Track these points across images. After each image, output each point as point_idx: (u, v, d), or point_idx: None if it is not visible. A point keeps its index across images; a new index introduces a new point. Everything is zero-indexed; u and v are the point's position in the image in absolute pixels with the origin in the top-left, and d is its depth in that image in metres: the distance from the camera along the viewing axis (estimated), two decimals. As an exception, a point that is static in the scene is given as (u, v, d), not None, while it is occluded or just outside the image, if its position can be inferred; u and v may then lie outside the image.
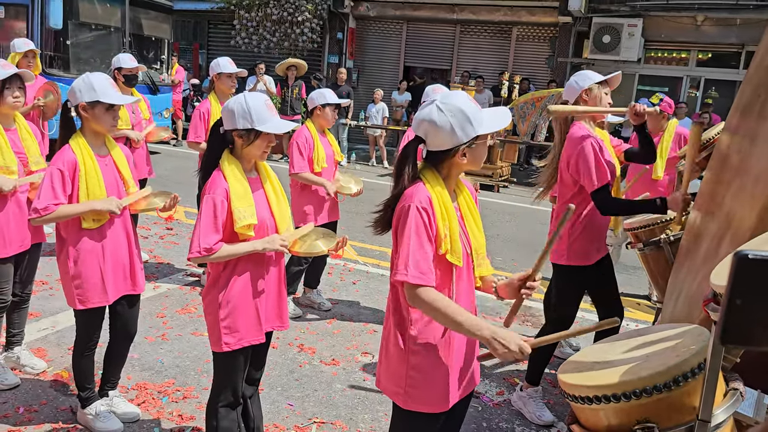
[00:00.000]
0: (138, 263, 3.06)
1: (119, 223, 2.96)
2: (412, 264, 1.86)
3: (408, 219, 1.90)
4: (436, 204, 1.93)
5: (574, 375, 1.69)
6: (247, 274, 2.52)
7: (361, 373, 3.92)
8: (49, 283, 4.94)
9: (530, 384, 3.58)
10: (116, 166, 2.97)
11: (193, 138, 4.91)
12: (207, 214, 2.38)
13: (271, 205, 2.59)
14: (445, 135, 1.94)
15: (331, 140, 4.74)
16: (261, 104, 2.44)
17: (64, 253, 2.88)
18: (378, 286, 5.60)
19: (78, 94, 2.79)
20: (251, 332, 2.55)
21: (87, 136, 2.86)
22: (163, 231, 6.63)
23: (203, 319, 4.43)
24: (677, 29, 12.31)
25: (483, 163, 2.06)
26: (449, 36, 14.80)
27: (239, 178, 2.46)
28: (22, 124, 3.39)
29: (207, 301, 2.55)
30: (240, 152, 2.50)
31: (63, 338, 4.05)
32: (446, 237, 1.93)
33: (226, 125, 2.46)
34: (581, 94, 3.30)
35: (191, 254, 2.38)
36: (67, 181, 2.76)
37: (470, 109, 1.94)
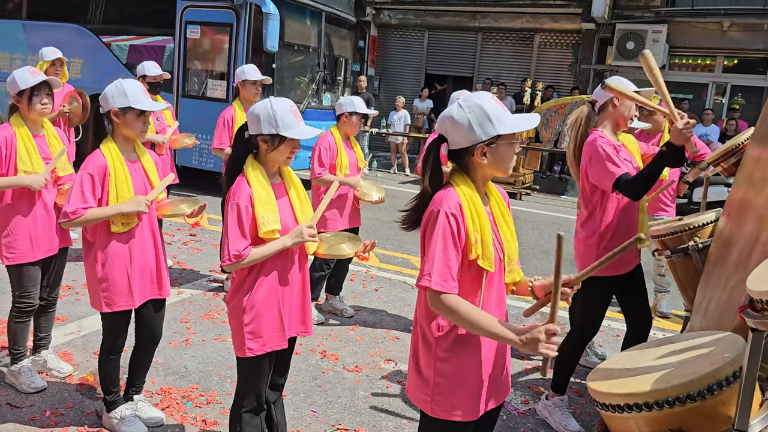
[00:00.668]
0: (164, 268, 3.09)
1: (146, 227, 2.99)
2: (436, 271, 1.85)
3: (436, 225, 1.88)
4: (467, 209, 1.91)
5: (604, 383, 1.66)
6: (272, 279, 2.52)
7: (385, 381, 3.90)
8: (75, 287, 5.01)
9: (556, 392, 3.53)
10: (145, 172, 3.00)
11: (217, 144, 4.95)
12: (233, 221, 2.39)
13: (295, 210, 2.58)
14: (463, 132, 1.92)
15: (356, 148, 4.75)
16: (287, 109, 2.44)
17: (91, 256, 2.91)
18: (400, 293, 5.58)
19: (110, 99, 2.83)
20: (275, 338, 2.55)
21: (118, 141, 2.90)
22: (186, 237, 6.68)
23: (227, 325, 4.46)
24: (703, 35, 12.16)
25: None
26: (471, 43, 14.79)
27: (263, 184, 2.46)
28: (50, 130, 3.44)
29: (231, 306, 2.56)
30: (264, 157, 2.50)
31: (89, 342, 4.09)
32: (477, 242, 1.90)
33: (251, 130, 2.46)
34: (612, 99, 3.27)
35: (223, 262, 2.39)
36: (97, 186, 2.80)
37: (492, 107, 1.91)
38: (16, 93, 3.25)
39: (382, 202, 4.73)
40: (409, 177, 12.54)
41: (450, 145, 1.97)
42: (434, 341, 1.98)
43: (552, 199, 11.32)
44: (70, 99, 5.67)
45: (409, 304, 5.30)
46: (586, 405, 3.77)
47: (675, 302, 5.46)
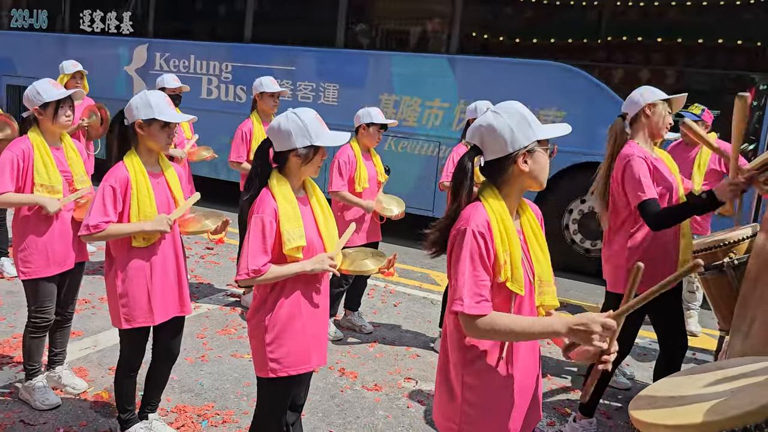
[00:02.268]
0: (186, 284, 3.01)
1: (169, 243, 2.92)
2: (468, 293, 1.74)
3: (463, 244, 1.77)
4: (495, 227, 1.79)
5: (648, 411, 1.53)
6: (296, 298, 2.44)
7: (405, 400, 3.78)
8: (92, 302, 4.96)
9: (584, 415, 3.39)
10: (169, 186, 2.93)
11: (235, 158, 4.90)
12: (255, 235, 2.32)
13: (319, 225, 2.51)
14: (502, 138, 1.82)
15: (376, 160, 4.65)
16: (313, 118, 2.39)
17: (112, 271, 2.85)
18: (420, 308, 5.46)
19: (135, 111, 2.77)
20: (298, 360, 2.46)
21: (141, 153, 2.84)
22: (203, 251, 6.63)
23: (244, 341, 4.41)
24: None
25: None
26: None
27: (289, 198, 2.39)
28: (68, 143, 3.40)
29: (253, 324, 2.47)
30: (294, 171, 2.43)
31: (104, 358, 4.02)
32: (506, 263, 1.79)
33: (281, 147, 2.39)
34: (644, 109, 3.15)
35: (239, 276, 2.32)
36: (119, 199, 2.74)
37: (528, 112, 1.85)
38: (39, 105, 3.20)
39: (401, 217, 4.64)
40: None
41: (486, 156, 1.86)
42: (462, 367, 1.87)
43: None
44: (89, 112, 5.67)
45: (429, 320, 5.18)
46: (614, 428, 3.63)
47: (705, 321, 5.29)
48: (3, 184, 3.11)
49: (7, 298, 4.91)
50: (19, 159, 3.15)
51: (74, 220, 3.34)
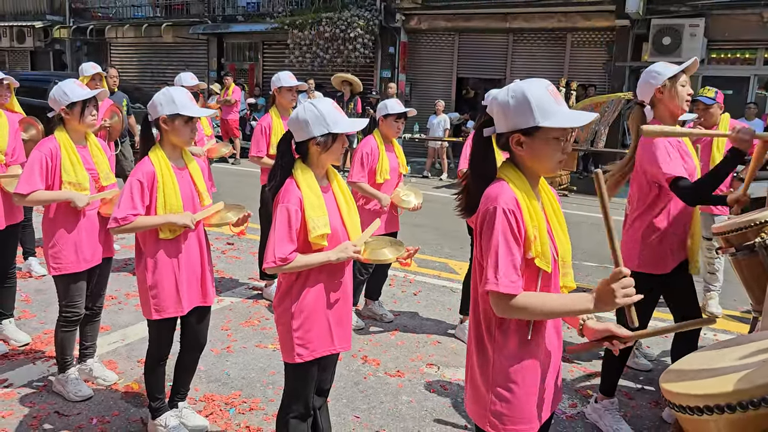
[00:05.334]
0: (209, 275, 3.09)
1: (193, 235, 3.00)
2: (503, 273, 1.73)
3: (495, 223, 1.76)
4: (523, 204, 1.80)
5: (679, 383, 1.54)
6: (321, 285, 2.51)
7: (427, 385, 3.84)
8: (118, 297, 5.06)
9: (605, 395, 3.42)
10: (192, 179, 3.01)
11: (255, 152, 4.96)
12: (282, 224, 2.37)
13: (342, 213, 2.57)
14: (501, 115, 1.83)
15: (398, 152, 4.68)
16: (331, 107, 2.44)
17: (142, 263, 2.93)
18: (439, 297, 5.51)
19: (159, 107, 2.85)
20: (324, 343, 2.53)
21: (166, 148, 2.92)
22: (224, 246, 6.73)
23: (267, 332, 4.49)
24: (742, 27, 11.82)
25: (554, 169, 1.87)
26: (502, 45, 14.64)
27: (313, 187, 2.45)
28: (93, 141, 3.49)
29: (279, 312, 2.54)
30: (316, 160, 2.49)
31: (132, 351, 4.12)
32: (536, 239, 1.80)
33: (300, 136, 2.45)
34: (655, 93, 3.12)
35: (266, 264, 2.37)
36: (146, 192, 2.82)
37: (537, 96, 1.77)
38: (65, 105, 3.28)
39: (419, 209, 4.66)
40: (443, 182, 12.44)
41: (496, 128, 1.88)
42: (492, 352, 1.88)
43: (590, 200, 11.08)
44: (111, 113, 5.77)
45: (449, 308, 5.22)
46: (637, 408, 3.65)
47: (725, 302, 5.27)
48: (33, 182, 3.21)
49: (36, 296, 5.03)
50: (47, 158, 3.24)
51: (101, 216, 3.43)
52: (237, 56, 18.30)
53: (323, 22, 15.19)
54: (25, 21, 20.53)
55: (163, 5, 19.39)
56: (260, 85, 17.24)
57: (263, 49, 17.83)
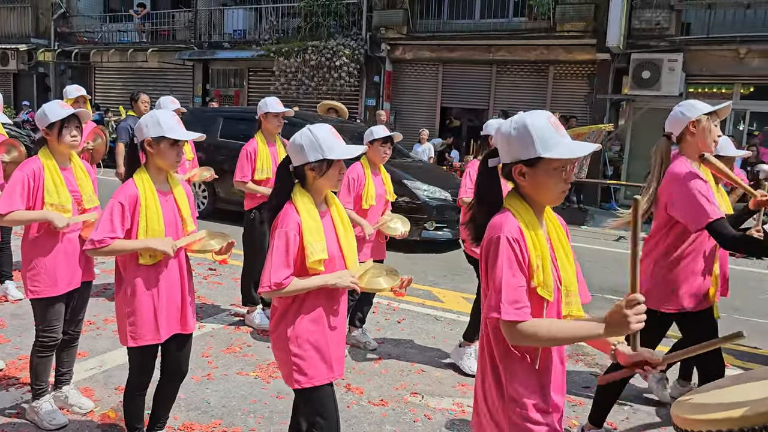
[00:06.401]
0: (189, 303, 3.01)
1: (175, 261, 2.93)
2: (506, 299, 1.74)
3: (499, 251, 1.78)
4: (527, 234, 1.82)
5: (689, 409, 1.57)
6: (319, 309, 2.50)
7: (412, 414, 3.78)
8: (96, 323, 4.96)
9: (593, 425, 3.39)
10: (176, 204, 2.96)
11: (239, 177, 4.94)
12: (279, 248, 2.37)
13: (340, 238, 2.56)
14: (504, 146, 1.88)
15: (385, 179, 4.68)
16: (327, 132, 2.44)
17: (122, 289, 2.87)
18: (423, 325, 5.47)
19: (145, 129, 2.81)
20: (322, 370, 2.50)
21: (151, 171, 2.87)
22: (206, 271, 6.65)
23: (249, 359, 4.42)
24: (719, 63, 12.13)
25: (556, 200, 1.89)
26: (485, 76, 14.86)
27: (311, 212, 2.45)
28: (77, 163, 3.44)
29: (276, 336, 2.52)
30: (312, 185, 2.49)
31: (110, 378, 4.02)
32: (539, 268, 1.81)
33: (297, 161, 2.46)
34: (688, 126, 3.05)
35: (262, 288, 2.37)
36: (127, 216, 2.77)
37: (539, 128, 1.81)
38: (45, 126, 3.24)
39: (405, 236, 4.64)
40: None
41: (500, 159, 1.91)
42: (504, 380, 1.87)
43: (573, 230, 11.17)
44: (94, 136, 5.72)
45: (433, 336, 5.19)
46: (623, 438, 3.62)
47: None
48: (14, 202, 3.14)
49: (12, 321, 4.92)
50: (29, 179, 3.19)
51: (81, 239, 3.37)
52: (222, 82, 18.35)
53: (309, 50, 15.32)
54: (9, 43, 20.46)
55: (150, 31, 19.44)
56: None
57: (249, 76, 17.90)
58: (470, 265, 4.59)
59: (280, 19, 16.82)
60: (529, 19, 13.98)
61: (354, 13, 15.65)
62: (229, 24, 17.90)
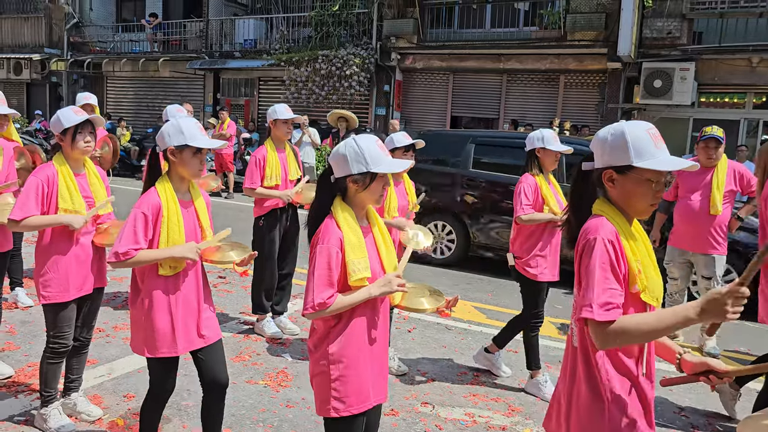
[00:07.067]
0: (206, 313, 2.93)
1: (192, 273, 2.86)
2: (597, 300, 1.72)
3: (594, 253, 1.77)
4: (623, 239, 1.81)
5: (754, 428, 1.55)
6: (361, 327, 2.33)
7: (422, 424, 3.73)
8: (105, 330, 4.95)
9: None
10: (197, 216, 2.90)
11: (249, 184, 4.93)
12: (321, 266, 2.22)
13: (382, 256, 2.41)
14: (598, 150, 1.88)
15: (409, 189, 4.54)
16: (373, 144, 2.31)
17: (138, 299, 2.80)
18: (434, 334, 5.42)
19: (167, 138, 2.75)
20: (363, 396, 2.33)
21: (173, 180, 2.82)
22: (216, 279, 6.64)
23: (258, 368, 4.39)
24: (732, 72, 12.05)
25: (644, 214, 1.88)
26: (496, 85, 14.84)
27: (353, 228, 2.30)
28: (91, 168, 3.44)
29: (315, 358, 2.34)
30: (353, 199, 2.35)
31: (119, 385, 4.00)
32: (640, 273, 1.79)
33: (339, 172, 2.32)
34: None
35: (305, 310, 2.22)
36: (149, 226, 2.71)
37: (635, 137, 1.81)
38: (60, 132, 3.25)
39: (430, 250, 4.37)
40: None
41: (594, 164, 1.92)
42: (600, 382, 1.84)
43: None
44: (102, 143, 5.74)
45: (444, 345, 5.14)
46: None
47: (725, 342, 5.20)
48: (29, 208, 3.14)
49: (21, 328, 4.91)
50: (43, 184, 3.19)
51: (94, 245, 3.37)
52: (233, 92, 18.44)
53: (319, 60, 15.37)
54: (22, 53, 20.67)
55: (161, 41, 19.59)
56: (255, 120, 17.34)
57: (259, 85, 17.98)
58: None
59: (291, 28, 16.91)
60: (539, 29, 13.97)
61: (364, 23, 15.70)
62: (240, 34, 18.02)
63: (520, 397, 4.21)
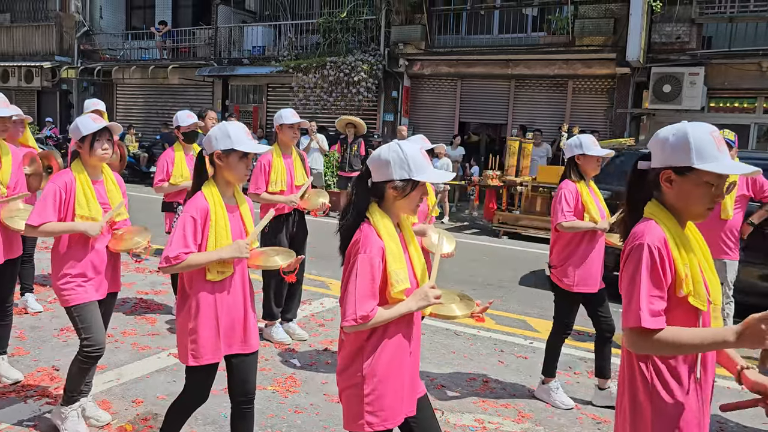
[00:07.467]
0: (252, 320, 2.90)
1: (238, 279, 2.84)
2: (646, 308, 1.72)
3: (640, 259, 1.77)
4: (672, 242, 1.79)
5: None
6: (396, 343, 2.24)
7: (431, 431, 3.71)
8: (114, 335, 4.96)
9: None
10: (242, 221, 2.88)
11: (253, 189, 4.92)
12: (364, 276, 2.12)
13: (415, 267, 2.33)
14: (657, 149, 1.86)
15: (430, 195, 4.48)
16: (417, 152, 2.23)
17: (186, 306, 2.77)
18: (443, 340, 5.40)
19: (214, 142, 2.74)
20: (397, 411, 2.25)
21: (219, 185, 2.81)
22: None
23: (266, 373, 4.38)
24: (741, 76, 11.98)
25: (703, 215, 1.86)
26: (504, 91, 14.83)
27: (393, 237, 2.22)
28: (109, 175, 3.47)
29: (347, 374, 2.26)
30: (391, 206, 2.26)
31: (128, 391, 4.00)
32: (687, 277, 1.78)
33: (378, 176, 2.22)
34: None
35: (346, 322, 2.12)
36: (198, 230, 2.70)
37: (698, 139, 1.79)
38: (78, 139, 3.28)
39: (452, 256, 4.23)
40: (445, 224, 12.38)
41: (651, 163, 1.90)
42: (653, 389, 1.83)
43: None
44: None
45: (453, 351, 5.11)
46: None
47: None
48: (46, 214, 3.17)
49: (31, 333, 4.93)
50: (61, 191, 3.22)
51: (109, 251, 3.39)
52: (242, 98, 18.52)
53: (327, 66, 15.42)
54: (33, 61, 20.86)
55: (170, 48, 19.73)
56: (264, 127, 17.40)
57: (267, 92, 18.06)
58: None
59: (299, 35, 16.98)
60: (548, 34, 13.95)
61: (372, 29, 15.74)
62: (249, 41, 18.11)
63: (530, 404, 4.18)
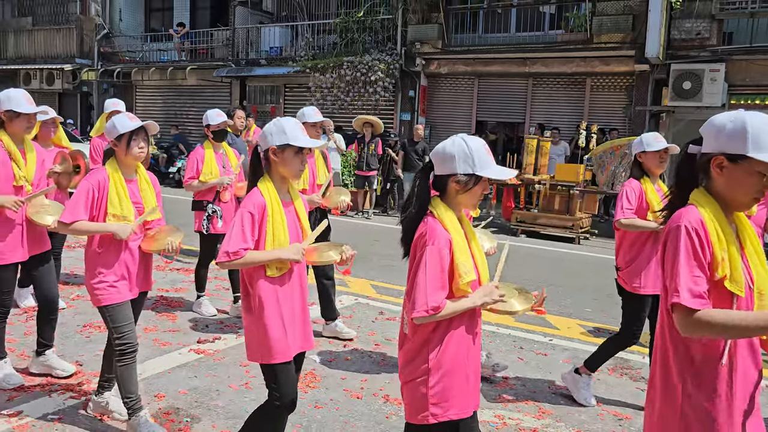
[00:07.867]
0: (309, 317, 2.92)
1: (296, 274, 2.86)
2: (685, 287, 1.72)
3: (678, 241, 1.78)
4: (710, 226, 1.79)
5: None
6: (461, 334, 2.26)
7: (451, 426, 3.71)
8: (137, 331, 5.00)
9: None
10: (297, 216, 2.90)
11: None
12: (434, 267, 2.14)
13: (477, 262, 2.33)
14: (711, 135, 1.84)
15: None
16: (482, 148, 2.25)
17: (250, 304, 2.77)
18: (462, 337, 5.38)
19: (269, 137, 2.75)
20: (462, 403, 2.27)
21: (275, 180, 2.81)
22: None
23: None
24: (763, 73, 11.82)
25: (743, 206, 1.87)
26: (521, 89, 14.77)
27: (458, 229, 2.24)
28: (143, 174, 3.49)
29: (412, 367, 2.27)
30: (453, 200, 2.28)
31: (150, 386, 4.05)
32: (724, 261, 1.78)
33: (442, 170, 2.26)
34: None
35: (417, 313, 2.13)
36: (256, 226, 2.71)
37: (756, 127, 1.77)
38: (114, 138, 3.30)
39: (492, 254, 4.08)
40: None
41: (703, 148, 1.88)
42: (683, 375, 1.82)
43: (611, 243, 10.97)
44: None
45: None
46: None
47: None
48: (79, 212, 3.20)
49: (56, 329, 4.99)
50: (94, 189, 3.25)
51: (141, 251, 3.42)
52: (259, 99, 18.62)
53: (344, 66, 15.47)
54: (54, 64, 21.15)
55: (189, 50, 19.89)
56: (281, 127, 17.45)
57: (285, 92, 18.14)
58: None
59: (316, 35, 17.04)
60: (565, 32, 13.87)
61: (389, 29, 15.76)
62: (266, 41, 18.21)
63: (551, 400, 4.16)
